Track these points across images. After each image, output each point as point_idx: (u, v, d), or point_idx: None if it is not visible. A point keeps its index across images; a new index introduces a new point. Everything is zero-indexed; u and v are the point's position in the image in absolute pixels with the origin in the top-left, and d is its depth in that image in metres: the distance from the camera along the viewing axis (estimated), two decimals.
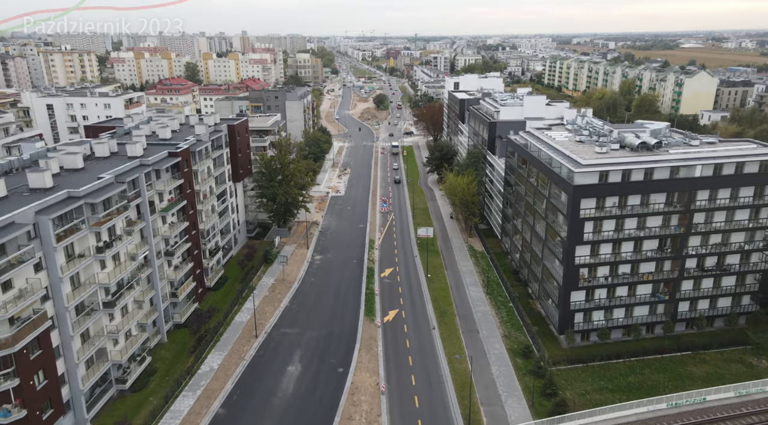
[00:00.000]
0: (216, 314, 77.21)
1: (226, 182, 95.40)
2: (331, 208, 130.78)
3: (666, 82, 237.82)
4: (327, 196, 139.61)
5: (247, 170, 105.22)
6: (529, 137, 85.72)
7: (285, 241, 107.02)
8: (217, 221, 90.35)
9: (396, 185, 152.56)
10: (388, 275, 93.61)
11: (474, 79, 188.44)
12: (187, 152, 76.22)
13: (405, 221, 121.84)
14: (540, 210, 78.00)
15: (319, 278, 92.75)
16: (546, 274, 76.16)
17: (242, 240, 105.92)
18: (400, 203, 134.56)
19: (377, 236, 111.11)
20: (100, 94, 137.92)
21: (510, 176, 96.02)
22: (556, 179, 71.16)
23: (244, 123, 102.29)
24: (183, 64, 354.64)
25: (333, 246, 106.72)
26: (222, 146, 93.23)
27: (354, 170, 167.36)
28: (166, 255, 71.88)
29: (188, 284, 76.75)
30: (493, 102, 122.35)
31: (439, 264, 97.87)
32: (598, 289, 69.71)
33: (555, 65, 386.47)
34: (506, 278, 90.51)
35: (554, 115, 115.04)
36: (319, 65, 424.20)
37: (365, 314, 79.62)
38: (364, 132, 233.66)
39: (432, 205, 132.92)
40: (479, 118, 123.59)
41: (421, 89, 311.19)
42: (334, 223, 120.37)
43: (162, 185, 70.00)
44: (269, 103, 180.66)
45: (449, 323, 77.65)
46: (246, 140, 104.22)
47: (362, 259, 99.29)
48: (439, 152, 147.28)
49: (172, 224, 73.31)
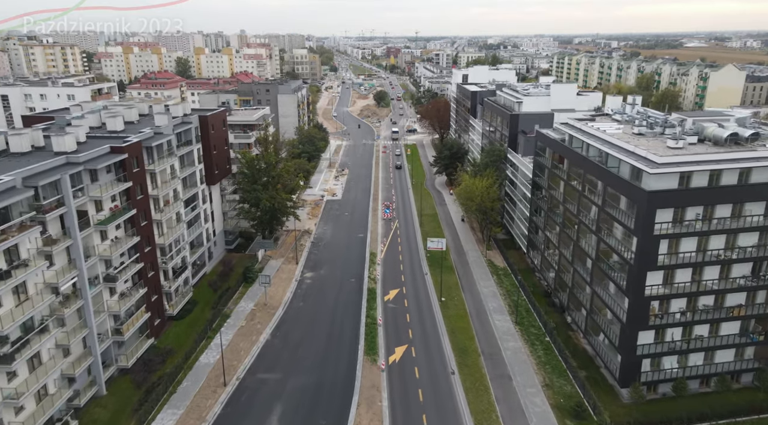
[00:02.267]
0: (174, 355, 60.51)
1: (197, 184, 78.88)
2: (326, 214, 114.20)
3: (688, 76, 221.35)
4: (322, 200, 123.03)
5: (225, 171, 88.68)
6: (569, 129, 69.25)
7: (270, 254, 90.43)
8: (185, 233, 73.80)
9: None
10: (392, 299, 77.03)
11: (484, 71, 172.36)
12: (137, 146, 59.61)
13: (411, 229, 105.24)
14: (587, 221, 61.49)
15: (309, 302, 76.14)
16: (597, 303, 59.61)
17: (219, 254, 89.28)
18: (405, 208, 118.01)
19: (379, 249, 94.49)
20: (64, 85, 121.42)
21: (540, 178, 79.57)
22: (613, 182, 54.70)
23: (220, 114, 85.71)
24: (174, 60, 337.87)
25: (327, 260, 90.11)
26: (192, 141, 76.72)
27: (353, 170, 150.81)
28: (107, 281, 55.23)
29: (139, 316, 60.11)
30: (513, 93, 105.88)
31: (454, 284, 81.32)
32: (672, 328, 53.12)
33: (563, 62, 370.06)
34: (537, 302, 74.02)
35: (586, 106, 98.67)
36: (317, 62, 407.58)
37: (365, 353, 63.02)
38: (363, 129, 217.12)
39: (441, 210, 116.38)
40: (497, 111, 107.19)
41: (424, 85, 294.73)
42: (329, 232, 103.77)
43: (99, 189, 53.38)
44: (260, 97, 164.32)
45: (472, 365, 61.05)
46: (224, 134, 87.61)
47: (361, 277, 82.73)
48: (449, 151, 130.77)
49: (116, 240, 56.71)
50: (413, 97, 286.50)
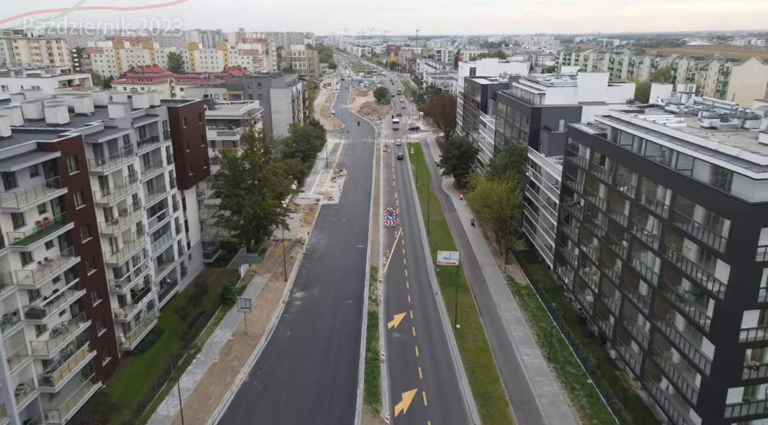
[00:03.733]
0: (121, 409, 47.92)
1: (166, 189, 66.45)
2: (321, 220, 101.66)
3: (708, 71, 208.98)
4: (317, 204, 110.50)
5: (202, 172, 76.26)
6: (613, 123, 56.85)
7: (255, 269, 77.99)
8: (148, 248, 61.39)
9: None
10: (398, 326, 64.57)
11: (494, 64, 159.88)
12: (75, 143, 47.06)
13: (418, 239, 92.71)
14: (643, 237, 49.05)
15: (298, 330, 63.67)
16: (658, 342, 47.12)
17: (195, 269, 76.80)
18: (410, 214, 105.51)
19: (381, 262, 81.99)
20: (29, 75, 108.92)
21: (572, 181, 67.19)
22: (686, 189, 42.28)
23: (194, 106, 73.22)
24: (166, 55, 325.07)
25: (321, 277, 77.64)
26: (158, 138, 64.27)
27: (351, 171, 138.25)
28: (31, 317, 42.73)
29: (80, 357, 47.61)
30: (533, 84, 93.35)
31: (470, 306, 68.89)
32: (765, 384, 40.65)
33: (569, 58, 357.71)
34: (570, 330, 61.67)
35: (618, 98, 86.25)
36: (315, 58, 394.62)
37: (366, 400, 50.55)
38: (363, 127, 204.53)
39: (451, 216, 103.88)
40: (514, 105, 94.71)
41: (426, 81, 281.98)
42: (323, 241, 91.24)
43: (17, 199, 40.83)
44: (251, 92, 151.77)
45: (499, 419, 48.58)
46: (200, 130, 75.09)
47: (361, 298, 70.30)
48: (457, 150, 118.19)
49: (45, 262, 44.23)
50: (415, 94, 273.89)
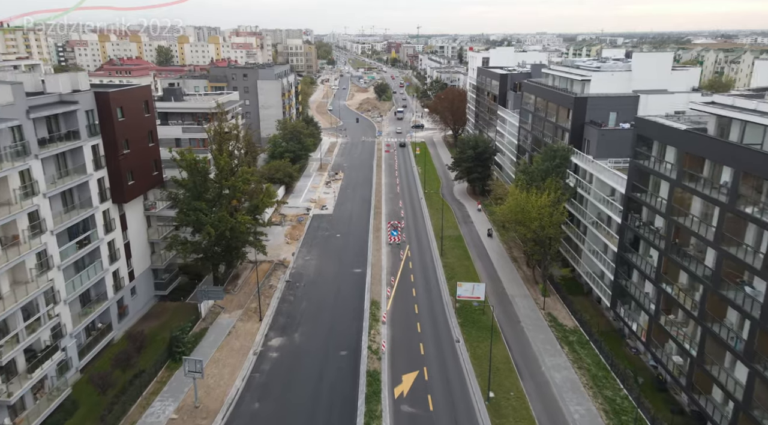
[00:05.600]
0: None
1: (92, 203, 48.83)
2: (311, 235, 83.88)
3: (739, 64, 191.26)
4: (307, 215, 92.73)
5: (151, 180, 58.54)
6: (726, 111, 39.19)
7: (223, 304, 60.26)
8: (60, 287, 43.78)
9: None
10: (408, 394, 46.76)
11: (509, 54, 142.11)
12: None
13: (429, 262, 74.91)
14: None
15: (269, 401, 45.80)
16: None
17: (142, 306, 59.01)
18: (418, 227, 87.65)
19: (384, 294, 64.14)
20: None
21: (643, 194, 49.59)
22: None
23: (135, 93, 55.45)
24: (155, 48, 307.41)
25: (306, 316, 59.85)
26: (79, 133, 46.68)
27: (349, 174, 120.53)
28: None
29: None
30: (572, 69, 75.76)
31: (504, 361, 51.12)
32: None
33: (580, 53, 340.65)
34: (648, 401, 44.02)
35: (683, 85, 68.88)
36: (313, 53, 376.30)
37: None
38: (363, 124, 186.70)
39: (467, 231, 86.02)
40: (547, 95, 77.15)
41: (431, 76, 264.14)
42: (313, 264, 73.50)
43: None
44: (236, 84, 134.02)
45: None
46: (146, 124, 57.15)
47: (357, 347, 52.54)
48: (473, 150, 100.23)
49: None
50: (418, 91, 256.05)
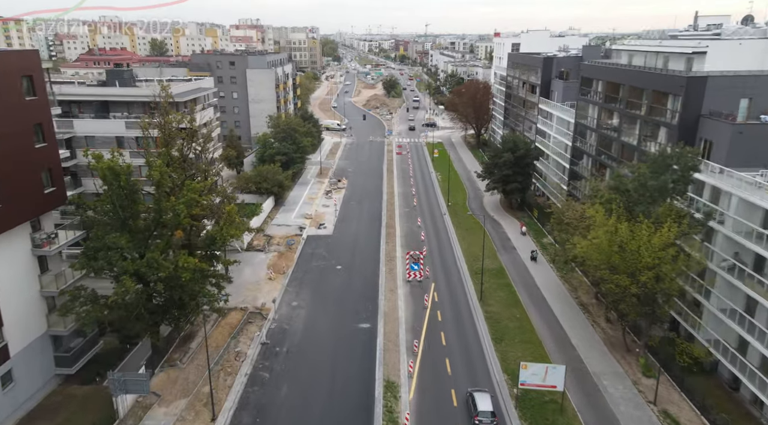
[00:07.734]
0: None
1: None
2: (302, 267, 62.66)
3: None
4: (300, 236, 71.72)
5: (43, 200, 37.62)
6: None
7: (158, 389, 39.11)
8: None
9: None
10: None
11: (544, 38, 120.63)
12: None
13: (466, 312, 53.40)
14: None
15: None
16: None
17: (28, 396, 37.84)
18: (444, 257, 66.27)
19: (404, 370, 42.85)
20: None
21: None
22: None
23: (3, 58, 34.56)
24: (148, 41, 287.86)
25: (286, 413, 38.62)
26: None
27: (354, 181, 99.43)
28: None
29: None
30: (670, 41, 54.45)
31: None
32: None
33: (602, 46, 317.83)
34: None
35: None
36: (317, 48, 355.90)
37: None
38: (370, 122, 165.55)
39: (510, 259, 64.60)
40: (633, 78, 55.86)
41: (445, 70, 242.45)
42: (301, 315, 52.26)
43: None
44: (221, 73, 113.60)
45: None
46: (31, 112, 36.21)
47: None
48: (510, 153, 78.92)
49: None
50: (430, 87, 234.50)
